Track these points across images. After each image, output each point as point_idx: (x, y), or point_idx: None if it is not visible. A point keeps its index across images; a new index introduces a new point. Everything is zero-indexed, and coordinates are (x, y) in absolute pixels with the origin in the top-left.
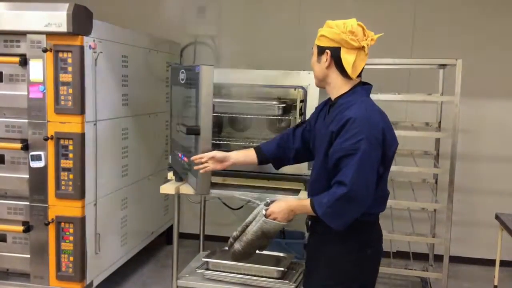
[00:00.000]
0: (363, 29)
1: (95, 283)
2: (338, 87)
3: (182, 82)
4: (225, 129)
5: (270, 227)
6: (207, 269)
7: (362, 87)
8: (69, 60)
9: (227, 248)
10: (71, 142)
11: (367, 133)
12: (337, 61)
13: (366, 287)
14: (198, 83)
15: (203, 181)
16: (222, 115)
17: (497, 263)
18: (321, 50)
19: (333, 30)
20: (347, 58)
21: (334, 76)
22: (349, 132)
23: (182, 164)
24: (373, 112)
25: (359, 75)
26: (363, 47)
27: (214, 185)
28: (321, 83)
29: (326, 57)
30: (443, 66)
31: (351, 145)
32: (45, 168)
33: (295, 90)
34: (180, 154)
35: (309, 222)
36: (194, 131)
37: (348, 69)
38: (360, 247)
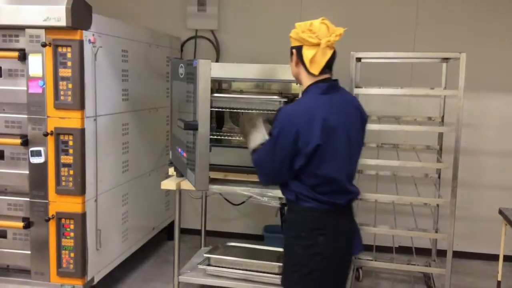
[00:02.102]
0: (327, 26)
1: (96, 279)
2: (305, 83)
3: (181, 76)
4: (226, 124)
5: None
6: (208, 264)
7: (316, 85)
8: (69, 55)
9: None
10: (71, 137)
11: (281, 125)
12: (301, 58)
13: (321, 274)
14: (196, 78)
15: (201, 176)
16: (223, 110)
17: (501, 258)
18: (290, 51)
19: (296, 30)
20: (307, 54)
21: (302, 74)
22: (274, 122)
23: (182, 159)
24: (299, 112)
25: (325, 72)
26: (328, 45)
27: (216, 181)
28: (298, 81)
29: (294, 56)
30: (446, 59)
31: (272, 130)
32: (45, 164)
33: (296, 84)
34: (180, 150)
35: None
36: (192, 127)
37: (307, 64)
38: (310, 234)
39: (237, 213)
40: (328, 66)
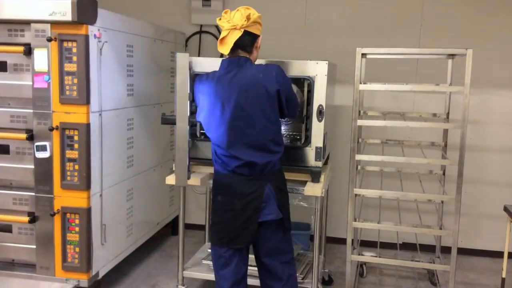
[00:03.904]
0: (241, 13)
1: (101, 274)
2: None
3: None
4: None
5: None
6: None
7: (223, 59)
8: (74, 50)
9: None
10: (76, 132)
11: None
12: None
13: (219, 225)
14: (175, 71)
15: (180, 172)
16: None
17: (505, 255)
18: None
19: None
20: (221, 36)
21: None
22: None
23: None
24: (204, 75)
25: (238, 52)
26: (236, 27)
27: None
28: None
29: None
30: (452, 56)
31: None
32: (50, 159)
33: (302, 80)
34: None
35: None
36: (168, 121)
37: (218, 44)
38: (214, 191)
39: None
40: (241, 47)
